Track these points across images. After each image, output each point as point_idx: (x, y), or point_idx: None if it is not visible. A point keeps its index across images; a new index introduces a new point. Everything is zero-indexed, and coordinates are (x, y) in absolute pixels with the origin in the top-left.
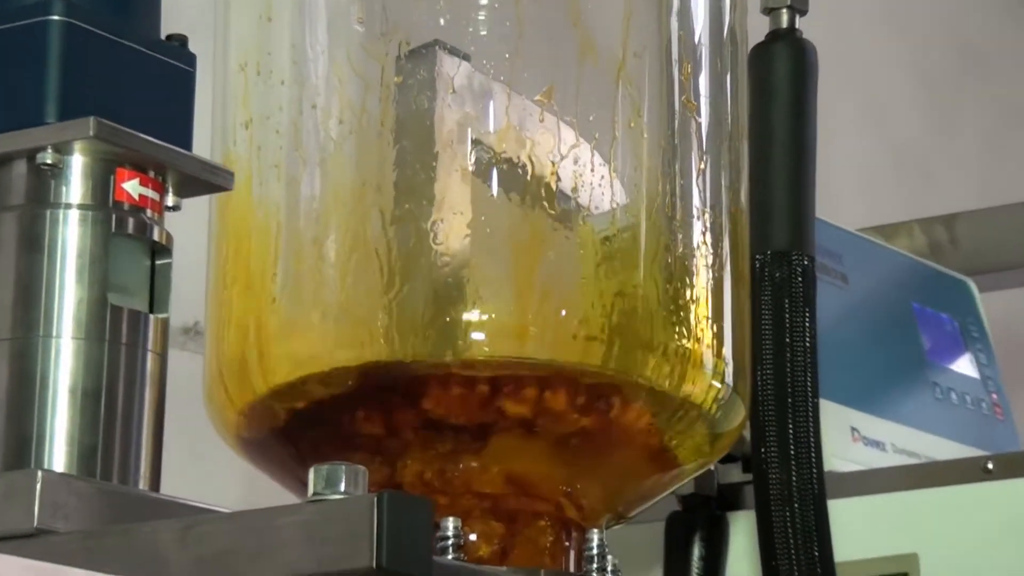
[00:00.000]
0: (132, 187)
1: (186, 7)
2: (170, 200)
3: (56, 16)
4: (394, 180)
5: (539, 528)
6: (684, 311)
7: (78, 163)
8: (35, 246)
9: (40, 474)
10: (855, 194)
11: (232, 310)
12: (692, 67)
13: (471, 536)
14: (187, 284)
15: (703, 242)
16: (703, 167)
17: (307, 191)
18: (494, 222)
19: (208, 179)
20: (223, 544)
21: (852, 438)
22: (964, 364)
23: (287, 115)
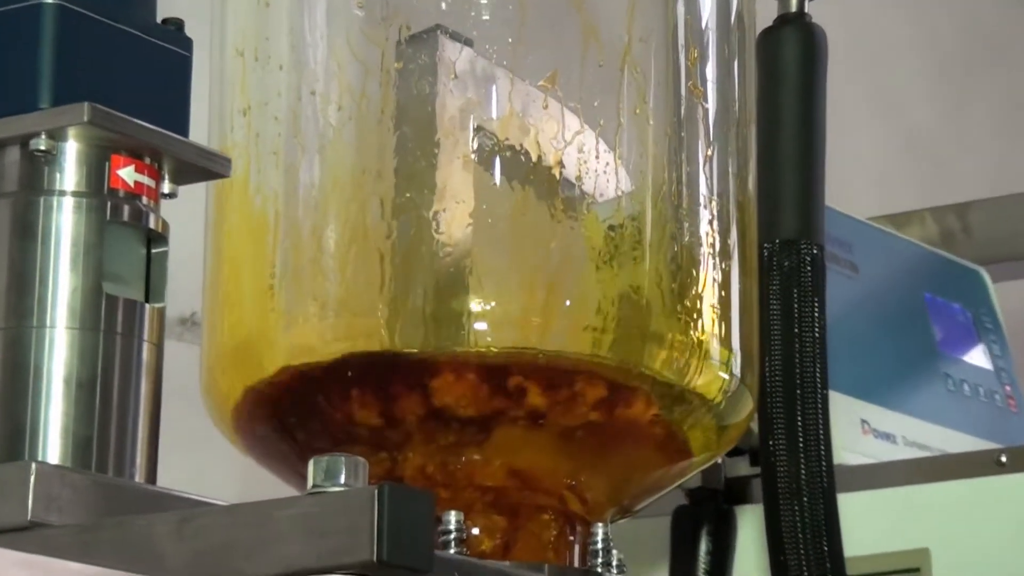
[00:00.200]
0: (127, 174)
1: None
2: (166, 187)
3: None
4: (395, 168)
5: (543, 522)
6: (691, 301)
7: (72, 149)
8: (29, 234)
9: (34, 466)
10: (866, 182)
11: (230, 300)
12: (699, 52)
13: (473, 530)
14: (184, 273)
15: (710, 230)
16: (710, 154)
17: (306, 179)
18: (497, 211)
19: (205, 166)
20: (220, 537)
21: (862, 430)
22: (977, 355)
23: (286, 101)
